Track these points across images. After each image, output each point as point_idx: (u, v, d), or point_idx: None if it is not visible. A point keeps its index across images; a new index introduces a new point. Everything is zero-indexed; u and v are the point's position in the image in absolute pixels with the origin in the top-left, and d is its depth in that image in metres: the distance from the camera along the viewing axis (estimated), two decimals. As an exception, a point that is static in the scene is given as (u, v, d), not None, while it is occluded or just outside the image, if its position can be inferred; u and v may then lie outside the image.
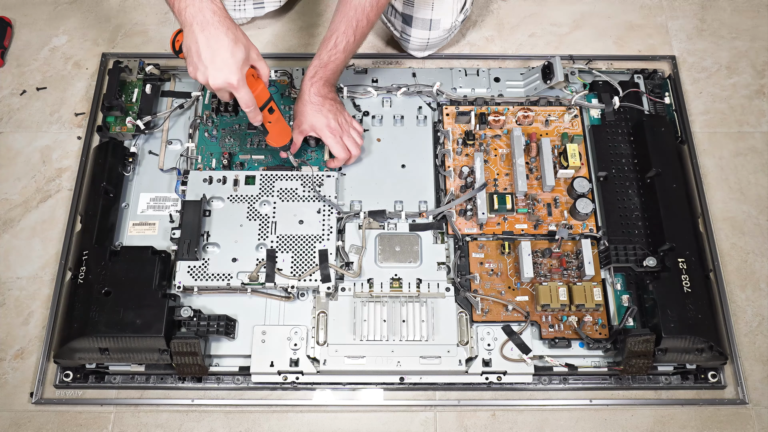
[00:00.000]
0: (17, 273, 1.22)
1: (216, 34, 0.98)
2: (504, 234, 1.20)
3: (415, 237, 1.19)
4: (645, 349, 1.07)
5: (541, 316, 1.14)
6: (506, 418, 1.12)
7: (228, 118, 1.29)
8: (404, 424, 1.12)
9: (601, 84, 1.33)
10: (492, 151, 1.27)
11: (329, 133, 1.19)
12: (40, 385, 1.12)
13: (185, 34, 1.00)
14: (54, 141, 1.34)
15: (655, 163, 1.20)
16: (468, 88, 1.33)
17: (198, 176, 1.21)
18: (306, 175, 1.21)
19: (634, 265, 1.15)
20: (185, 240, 1.14)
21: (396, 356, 1.10)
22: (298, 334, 1.11)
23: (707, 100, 1.39)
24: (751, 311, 1.20)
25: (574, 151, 1.22)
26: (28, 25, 1.46)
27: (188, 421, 1.11)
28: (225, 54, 0.99)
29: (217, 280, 1.13)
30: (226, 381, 1.12)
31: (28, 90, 1.39)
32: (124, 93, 1.30)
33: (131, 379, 1.12)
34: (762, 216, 1.28)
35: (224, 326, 1.10)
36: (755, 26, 1.48)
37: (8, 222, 1.26)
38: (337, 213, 1.19)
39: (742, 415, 1.13)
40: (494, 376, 1.10)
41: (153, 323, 1.06)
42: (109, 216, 1.19)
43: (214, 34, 0.98)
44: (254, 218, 1.18)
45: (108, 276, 1.10)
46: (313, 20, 1.47)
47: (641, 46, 1.45)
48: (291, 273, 1.14)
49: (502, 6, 1.51)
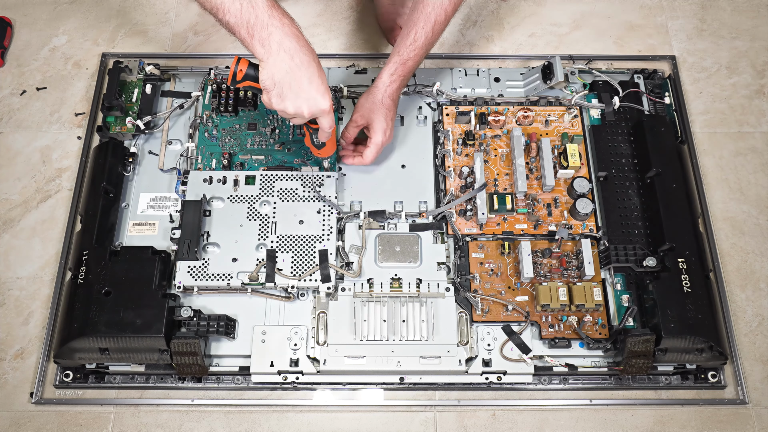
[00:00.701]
0: (17, 273, 1.22)
1: (306, 61, 0.96)
2: (504, 234, 1.20)
3: (415, 237, 1.19)
4: (645, 349, 1.07)
5: (541, 316, 1.14)
6: (506, 418, 1.12)
7: (228, 118, 1.29)
8: (404, 424, 1.12)
9: (601, 84, 1.33)
10: (492, 151, 1.27)
11: (380, 139, 1.18)
12: (40, 385, 1.12)
13: (269, 64, 0.96)
14: (54, 141, 1.34)
15: (655, 163, 1.20)
16: (468, 88, 1.33)
17: (198, 176, 1.21)
18: (306, 176, 1.21)
19: (634, 265, 1.15)
20: (185, 240, 1.14)
21: (396, 356, 1.10)
22: (298, 334, 1.11)
23: (707, 100, 1.39)
24: (751, 311, 1.21)
25: (574, 151, 1.22)
26: (28, 25, 1.46)
27: (188, 421, 1.11)
28: (317, 81, 0.97)
29: (217, 280, 1.13)
30: (226, 381, 1.12)
31: (28, 90, 1.39)
32: (124, 93, 1.30)
33: (131, 379, 1.12)
34: (762, 216, 1.28)
35: (224, 326, 1.10)
36: (755, 26, 1.48)
37: (8, 222, 1.26)
38: (337, 213, 1.19)
39: (742, 415, 1.13)
40: (494, 376, 1.10)
41: (153, 323, 1.06)
42: (109, 216, 1.19)
43: (305, 62, 0.96)
44: (254, 218, 1.18)
45: (108, 276, 1.10)
46: (313, 21, 1.47)
47: (641, 46, 1.45)
48: (291, 273, 1.14)
49: (502, 6, 1.51)
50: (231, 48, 1.43)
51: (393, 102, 1.19)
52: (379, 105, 1.18)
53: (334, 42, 1.45)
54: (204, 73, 1.35)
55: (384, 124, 1.18)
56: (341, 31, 1.46)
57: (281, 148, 1.26)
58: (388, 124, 1.19)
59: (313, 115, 1.00)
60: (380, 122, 1.18)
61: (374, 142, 1.18)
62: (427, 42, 1.17)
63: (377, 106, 1.18)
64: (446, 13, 1.15)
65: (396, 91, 1.19)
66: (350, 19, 1.47)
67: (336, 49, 1.44)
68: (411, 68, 1.19)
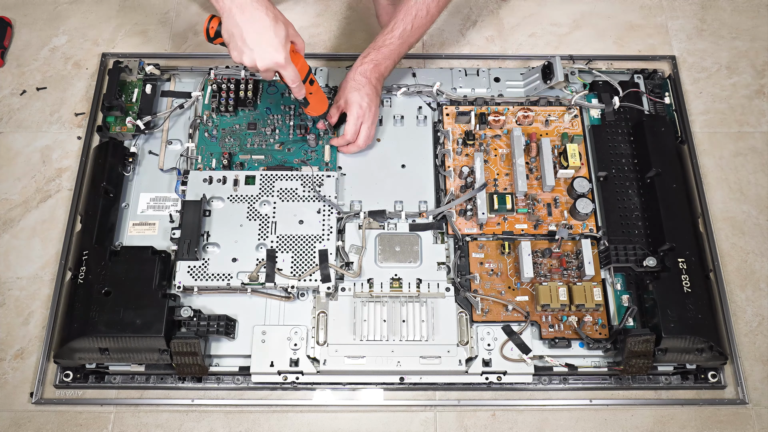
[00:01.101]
0: (17, 273, 1.22)
1: (257, 15, 0.99)
2: (504, 234, 1.19)
3: (415, 237, 1.19)
4: (645, 349, 1.07)
5: (541, 316, 1.14)
6: (506, 418, 1.12)
7: (228, 118, 1.29)
8: (404, 424, 1.12)
9: (601, 84, 1.33)
10: (492, 151, 1.26)
11: (355, 111, 1.20)
12: (40, 385, 1.12)
13: (225, 19, 1.01)
14: (54, 141, 1.34)
15: (655, 163, 1.20)
16: (468, 88, 1.33)
17: (198, 176, 1.21)
18: (306, 175, 1.21)
19: (634, 265, 1.15)
20: (185, 240, 1.14)
21: (396, 356, 1.09)
22: (298, 334, 1.11)
23: (707, 100, 1.39)
24: (751, 311, 1.20)
25: (574, 151, 1.22)
26: (28, 25, 1.46)
27: (188, 421, 1.11)
28: (269, 34, 1.00)
29: (217, 280, 1.13)
30: (226, 381, 1.12)
31: (28, 90, 1.39)
32: (124, 93, 1.30)
33: (131, 379, 1.12)
34: (762, 216, 1.28)
35: (224, 326, 1.10)
36: (755, 26, 1.48)
37: (8, 222, 1.26)
38: (337, 213, 1.19)
39: (742, 415, 1.13)
40: (494, 376, 1.10)
41: (153, 323, 1.06)
42: (109, 216, 1.19)
43: (255, 16, 0.99)
44: (254, 218, 1.18)
45: (108, 276, 1.10)
46: (313, 21, 1.47)
47: (641, 46, 1.45)
48: (291, 273, 1.14)
49: (502, 6, 1.51)
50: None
51: (367, 79, 1.21)
52: (351, 82, 1.21)
53: (334, 42, 1.45)
54: (204, 73, 1.35)
55: (358, 98, 1.20)
56: (341, 31, 1.46)
57: (281, 148, 1.26)
58: (364, 99, 1.20)
59: (268, 68, 1.03)
60: (354, 97, 1.20)
61: (351, 115, 1.21)
62: (405, 34, 1.20)
63: (350, 84, 1.21)
64: (428, 9, 1.19)
65: (370, 72, 1.21)
66: (350, 19, 1.47)
67: (336, 50, 1.44)
68: (386, 55, 1.21)
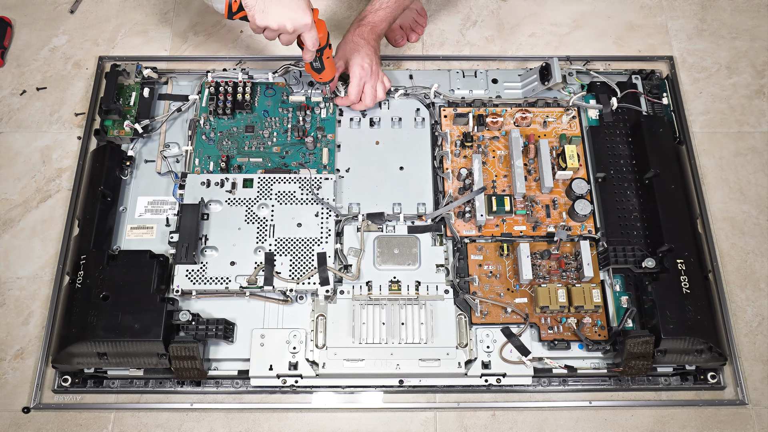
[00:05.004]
0: (17, 273, 1.22)
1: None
2: (503, 236, 1.19)
3: (414, 239, 1.19)
4: (644, 350, 1.06)
5: (540, 317, 1.14)
6: (506, 418, 1.12)
7: (225, 121, 1.29)
8: (404, 424, 1.12)
9: (599, 85, 1.32)
10: (490, 152, 1.26)
11: (357, 72, 1.22)
12: (38, 390, 1.12)
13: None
14: (54, 141, 1.34)
15: (653, 164, 1.20)
16: (466, 90, 1.33)
17: (196, 179, 1.21)
18: (304, 178, 1.21)
19: (633, 267, 1.14)
20: (183, 244, 1.14)
21: (395, 359, 1.09)
22: (297, 337, 1.11)
23: (707, 100, 1.39)
24: (751, 311, 1.20)
25: (573, 152, 1.22)
26: (28, 25, 1.46)
27: (188, 420, 1.11)
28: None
29: (216, 284, 1.13)
30: (225, 385, 1.12)
31: (28, 90, 1.39)
32: (122, 96, 1.30)
33: (130, 384, 1.12)
34: (762, 216, 1.28)
35: (223, 330, 1.10)
36: (755, 26, 1.47)
37: (8, 222, 1.26)
38: (336, 216, 1.19)
39: (742, 415, 1.13)
40: (494, 378, 1.10)
41: (151, 327, 1.06)
42: (106, 220, 1.19)
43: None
44: (252, 221, 1.18)
45: (106, 280, 1.10)
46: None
47: (641, 46, 1.45)
48: (289, 276, 1.14)
49: (502, 6, 1.50)
50: (230, 49, 1.43)
51: (365, 41, 1.24)
52: (350, 44, 1.24)
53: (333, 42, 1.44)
54: (201, 76, 1.34)
55: (359, 59, 1.22)
56: (341, 31, 1.46)
57: (279, 151, 1.26)
58: (365, 59, 1.22)
59: (296, 30, 1.05)
60: (354, 57, 1.23)
61: (353, 77, 1.23)
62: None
63: (348, 46, 1.25)
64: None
65: (368, 33, 1.25)
66: (350, 19, 1.46)
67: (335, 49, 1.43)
68: (383, 17, 1.26)
